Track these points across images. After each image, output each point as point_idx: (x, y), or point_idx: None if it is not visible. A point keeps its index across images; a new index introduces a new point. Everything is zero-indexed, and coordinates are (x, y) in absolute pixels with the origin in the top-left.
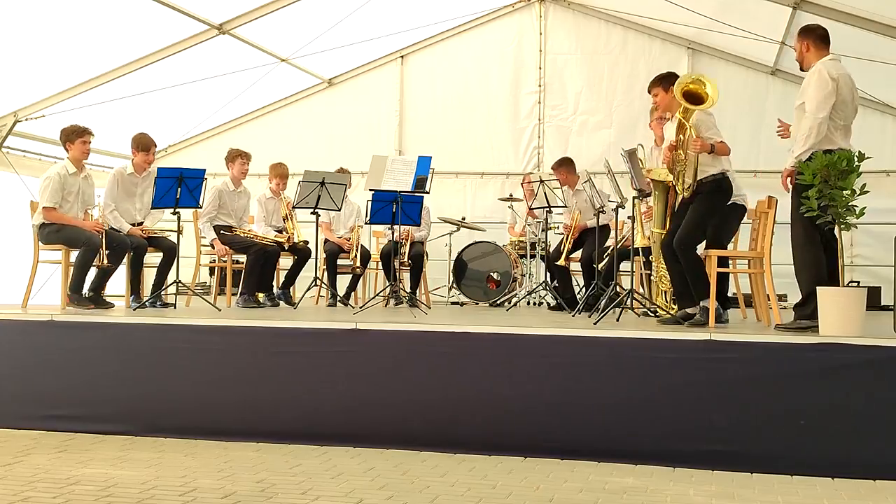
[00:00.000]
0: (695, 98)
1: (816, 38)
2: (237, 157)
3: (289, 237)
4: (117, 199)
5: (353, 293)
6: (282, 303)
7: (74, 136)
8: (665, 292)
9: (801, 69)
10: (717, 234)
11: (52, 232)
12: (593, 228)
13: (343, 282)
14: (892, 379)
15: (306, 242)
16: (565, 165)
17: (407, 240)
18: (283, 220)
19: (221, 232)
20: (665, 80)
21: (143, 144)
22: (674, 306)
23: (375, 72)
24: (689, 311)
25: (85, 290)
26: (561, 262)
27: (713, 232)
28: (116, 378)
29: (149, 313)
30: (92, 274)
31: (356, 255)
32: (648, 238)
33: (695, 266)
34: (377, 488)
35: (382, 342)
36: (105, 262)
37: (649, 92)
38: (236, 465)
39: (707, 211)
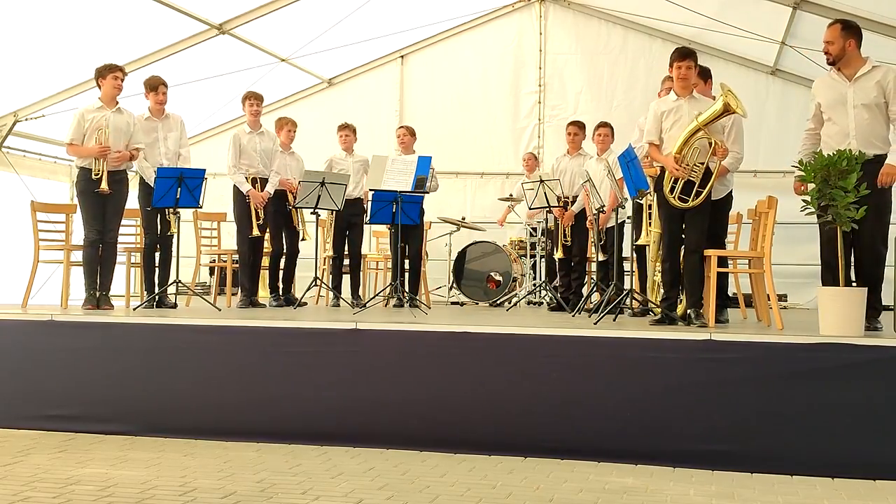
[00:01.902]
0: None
1: (860, 39)
2: (247, 100)
3: (301, 235)
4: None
5: (358, 287)
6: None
7: (106, 71)
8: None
9: (831, 63)
10: (716, 229)
11: (80, 192)
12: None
13: (346, 284)
14: (892, 379)
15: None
16: (580, 126)
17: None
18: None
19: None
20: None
21: (150, 84)
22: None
23: (375, 72)
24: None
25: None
26: (559, 254)
27: (714, 229)
28: (116, 378)
29: (149, 313)
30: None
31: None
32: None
33: (702, 270)
34: (377, 488)
35: (382, 342)
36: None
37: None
38: (236, 465)
39: (708, 212)
